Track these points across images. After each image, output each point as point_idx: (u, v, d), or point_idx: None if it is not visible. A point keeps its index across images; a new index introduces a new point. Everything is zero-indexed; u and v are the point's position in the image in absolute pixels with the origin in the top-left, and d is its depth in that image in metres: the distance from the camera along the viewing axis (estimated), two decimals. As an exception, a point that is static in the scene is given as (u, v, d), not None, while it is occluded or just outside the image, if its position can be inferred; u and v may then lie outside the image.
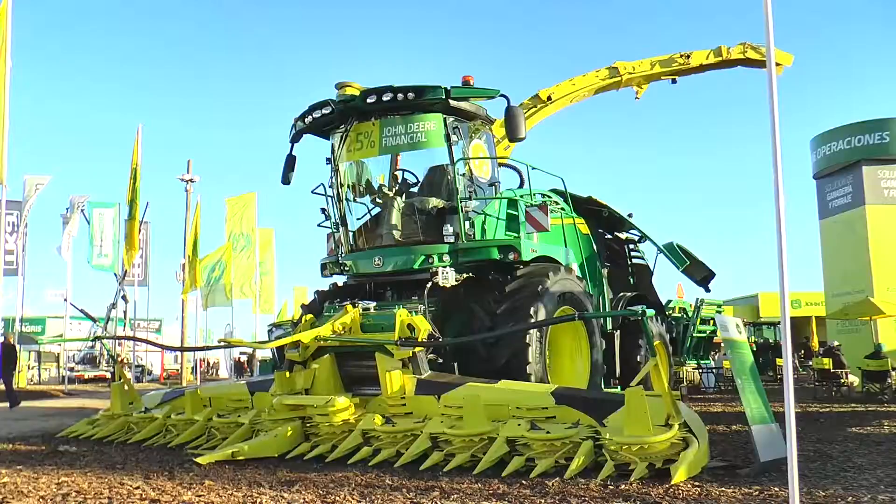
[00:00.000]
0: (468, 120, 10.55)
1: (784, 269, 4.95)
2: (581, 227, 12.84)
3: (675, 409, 6.88)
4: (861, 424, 12.04)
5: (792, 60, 18.96)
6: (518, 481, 6.69)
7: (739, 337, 7.98)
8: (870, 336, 20.65)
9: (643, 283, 15.09)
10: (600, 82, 16.85)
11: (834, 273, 23.23)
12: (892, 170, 22.18)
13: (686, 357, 21.59)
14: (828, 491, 6.22)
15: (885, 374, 18.08)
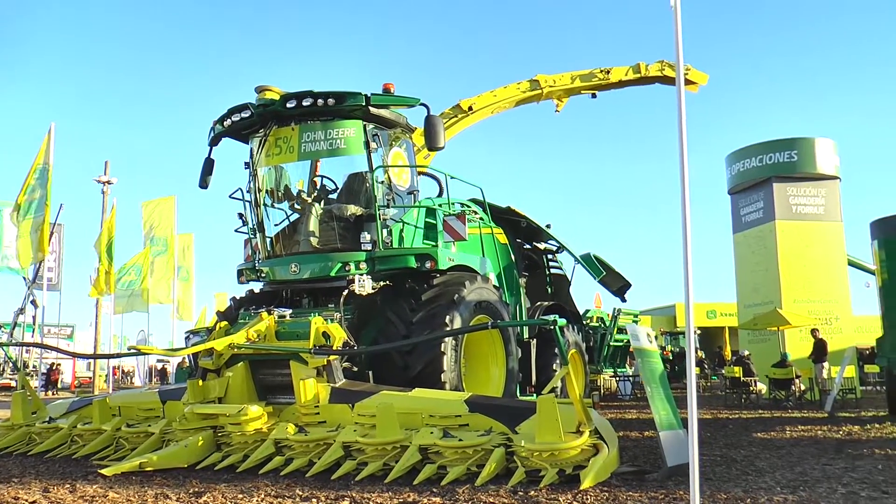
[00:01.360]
0: (388, 127, 10.55)
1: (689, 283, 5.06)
2: (499, 236, 12.98)
3: (586, 416, 6.99)
4: (766, 430, 12.46)
5: (707, 79, 19.59)
6: (429, 489, 6.70)
7: (650, 346, 8.17)
8: (777, 345, 21.38)
9: (561, 293, 15.35)
10: (521, 94, 17.08)
11: (746, 285, 23.98)
12: (801, 187, 23.04)
13: (603, 365, 22.03)
14: (729, 494, 6.43)
15: (789, 382, 18.77)
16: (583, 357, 14.37)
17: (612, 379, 23.13)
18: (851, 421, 14.01)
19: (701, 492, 6.36)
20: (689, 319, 5.10)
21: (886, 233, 15.26)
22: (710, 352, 37.53)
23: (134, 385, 41.87)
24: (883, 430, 12.28)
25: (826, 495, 6.45)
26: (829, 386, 17.83)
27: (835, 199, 23.26)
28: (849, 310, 23.27)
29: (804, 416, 15.53)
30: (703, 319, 43.42)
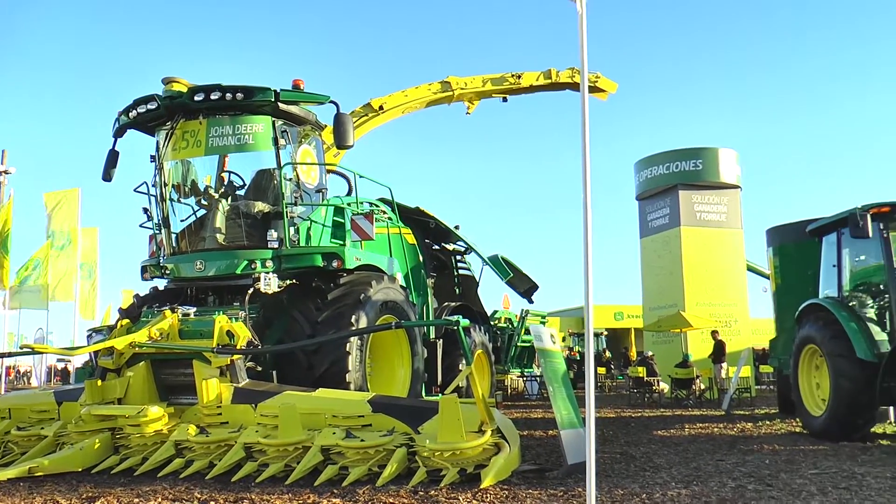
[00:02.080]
0: (297, 124, 10.42)
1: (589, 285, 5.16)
2: (408, 237, 12.99)
3: (488, 415, 7.06)
4: (666, 428, 12.86)
5: (616, 88, 20.03)
6: (330, 490, 6.67)
7: (553, 347, 8.32)
8: (680, 346, 22.06)
9: (469, 294, 15.47)
10: (432, 95, 17.12)
11: (651, 288, 24.65)
12: (705, 195, 23.83)
13: (510, 365, 22.29)
14: (626, 489, 6.62)
15: (690, 382, 19.42)
16: (489, 357, 14.53)
17: (519, 379, 23.44)
18: (745, 419, 14.60)
19: (599, 488, 6.55)
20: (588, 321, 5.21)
21: (781, 240, 15.93)
22: (616, 352, 38.42)
23: (31, 386, 40.20)
24: (772, 427, 12.85)
25: (717, 489, 6.72)
26: (726, 385, 18.51)
27: (736, 207, 24.16)
28: (746, 313, 24.20)
29: (703, 414, 16.11)
30: (611, 321, 44.45)
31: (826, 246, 12.39)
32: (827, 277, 12.27)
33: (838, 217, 11.57)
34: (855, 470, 7.87)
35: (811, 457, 9.05)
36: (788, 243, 15.42)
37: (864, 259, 11.92)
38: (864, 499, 6.37)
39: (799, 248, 14.34)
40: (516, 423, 13.06)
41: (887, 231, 10.70)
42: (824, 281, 12.39)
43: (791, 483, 7.08)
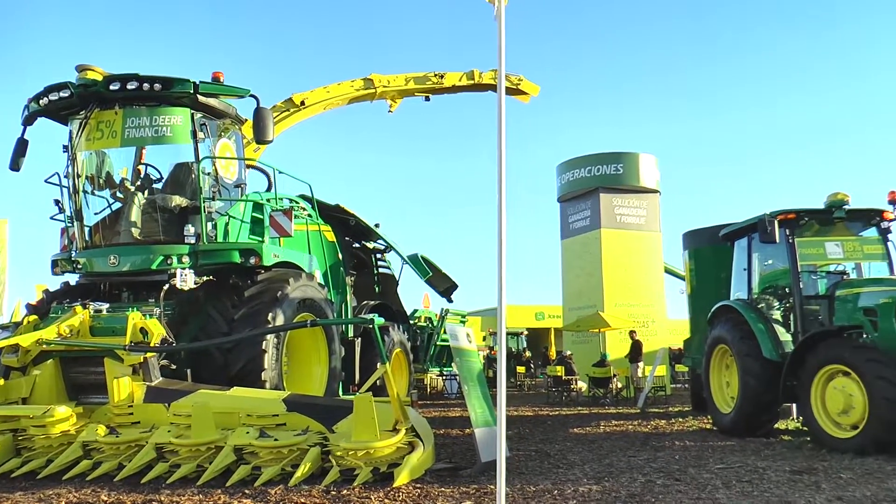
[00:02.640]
0: (217, 118, 10.23)
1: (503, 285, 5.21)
2: (327, 234, 12.89)
3: (403, 414, 7.08)
4: (582, 425, 13.10)
5: (539, 90, 20.25)
6: (241, 490, 6.57)
7: (468, 346, 8.38)
8: (598, 346, 22.49)
9: (388, 293, 15.46)
10: (355, 92, 17.03)
11: (571, 288, 25.08)
12: (625, 198, 24.39)
13: (429, 364, 22.38)
14: (538, 486, 6.73)
15: (607, 381, 19.82)
16: (407, 356, 14.55)
17: (438, 378, 23.55)
18: (660, 416, 15.00)
19: (511, 485, 6.64)
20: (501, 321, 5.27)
21: (696, 243, 16.44)
22: (536, 352, 38.94)
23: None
24: (685, 424, 13.23)
25: (627, 484, 6.90)
26: (642, 384, 18.96)
27: (655, 210, 24.79)
28: (664, 313, 24.87)
29: (619, 412, 16.47)
30: (532, 321, 45.05)
31: (738, 250, 12.81)
32: (738, 280, 12.70)
33: (748, 223, 11.98)
34: (758, 464, 8.19)
35: (719, 452, 9.37)
36: (703, 247, 15.91)
37: (772, 263, 12.40)
38: (764, 491, 6.64)
39: (713, 251, 14.80)
40: (434, 421, 13.19)
41: (793, 236, 11.13)
42: (735, 283, 12.82)
43: (698, 477, 7.32)
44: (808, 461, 8.42)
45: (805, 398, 9.87)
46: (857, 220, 11.59)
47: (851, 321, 10.15)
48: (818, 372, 9.75)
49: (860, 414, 9.10)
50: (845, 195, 11.34)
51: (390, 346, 13.54)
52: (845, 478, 7.31)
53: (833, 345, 9.80)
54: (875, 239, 11.51)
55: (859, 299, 10.24)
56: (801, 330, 10.87)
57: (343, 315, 12.70)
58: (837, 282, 11.16)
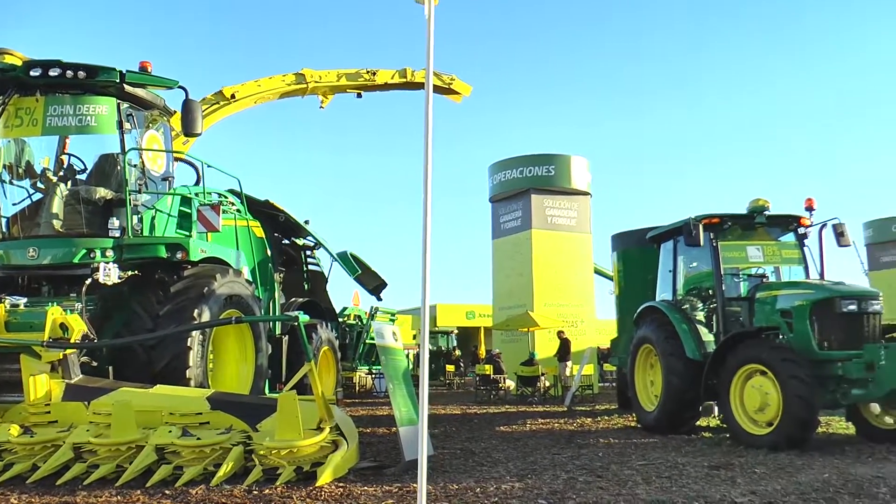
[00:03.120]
0: (144, 108, 10.03)
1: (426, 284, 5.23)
2: (256, 230, 12.73)
3: (328, 412, 7.04)
4: (509, 424, 13.22)
5: (470, 91, 20.39)
6: (161, 491, 6.44)
7: (395, 344, 8.38)
8: (527, 345, 22.71)
9: (317, 290, 15.37)
10: (286, 87, 16.89)
11: (501, 288, 25.28)
12: (556, 199, 24.69)
13: (358, 363, 22.31)
14: (461, 484, 6.78)
15: (535, 379, 20.02)
16: (335, 354, 14.50)
17: (367, 376, 23.50)
18: (586, 414, 15.23)
19: (434, 483, 6.67)
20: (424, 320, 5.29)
21: (624, 245, 16.76)
22: (466, 350, 39.17)
23: None
24: (610, 422, 13.47)
25: (549, 481, 7.00)
26: (570, 383, 19.22)
27: (585, 212, 25.17)
28: (593, 313, 25.27)
29: (546, 410, 16.67)
30: (462, 320, 45.32)
31: (663, 252, 13.09)
32: (664, 282, 12.98)
33: (674, 226, 12.26)
34: (678, 460, 8.42)
35: (641, 449, 9.58)
36: (631, 248, 16.22)
37: (696, 266, 12.71)
38: (682, 486, 6.82)
39: (640, 253, 15.08)
40: (362, 420, 13.19)
41: (717, 240, 11.42)
42: (661, 285, 13.10)
43: (619, 474, 7.49)
44: (725, 457, 8.68)
45: (725, 396, 10.17)
46: (777, 226, 11.96)
47: (769, 322, 10.49)
48: (737, 371, 10.05)
49: (775, 411, 9.43)
50: (766, 201, 11.69)
51: (318, 344, 13.45)
52: (759, 472, 7.58)
53: (751, 345, 10.13)
54: (793, 244, 11.89)
55: (777, 301, 10.60)
56: (722, 331, 11.18)
57: (271, 312, 12.58)
58: (757, 284, 11.53)
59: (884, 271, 35.92)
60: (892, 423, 10.06)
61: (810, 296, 10.24)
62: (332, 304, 15.84)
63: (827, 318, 9.99)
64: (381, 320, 21.48)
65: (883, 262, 36.53)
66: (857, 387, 9.56)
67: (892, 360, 9.21)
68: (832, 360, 9.78)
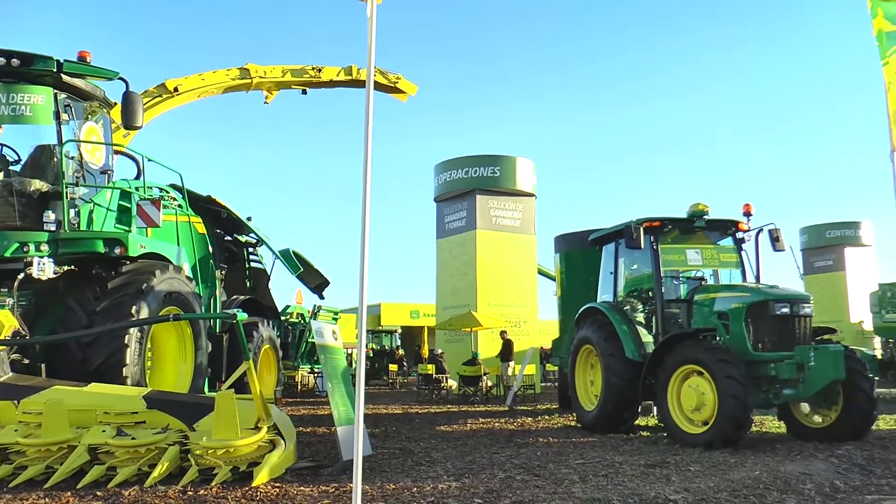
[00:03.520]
0: (83, 99, 9.79)
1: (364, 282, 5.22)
2: (198, 226, 12.54)
3: (265, 412, 6.96)
4: (449, 423, 13.25)
5: (416, 90, 20.37)
6: (92, 492, 6.28)
7: (334, 343, 8.34)
8: (470, 345, 22.79)
9: (260, 288, 15.22)
10: (230, 81, 16.67)
11: (445, 287, 25.30)
12: (500, 200, 24.80)
13: (300, 361, 22.12)
14: (398, 484, 6.78)
15: (478, 379, 20.10)
16: (276, 353, 14.38)
17: (310, 375, 23.33)
18: (527, 414, 15.35)
19: (371, 483, 6.66)
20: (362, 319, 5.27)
21: (567, 247, 16.95)
22: (410, 350, 39.19)
23: None
24: (550, 422, 13.61)
25: (486, 480, 7.05)
26: (512, 382, 19.35)
27: (530, 213, 25.34)
28: (536, 314, 25.45)
29: (488, 409, 16.76)
30: (407, 319, 45.36)
31: (605, 254, 13.27)
32: (605, 283, 13.16)
33: (616, 229, 12.43)
34: (615, 459, 8.55)
35: (580, 448, 9.70)
36: (574, 250, 16.39)
37: (637, 268, 12.92)
38: (617, 484, 6.93)
39: (583, 255, 15.25)
40: (302, 419, 13.10)
41: (657, 243, 11.61)
42: (602, 286, 13.27)
43: (556, 472, 7.57)
44: (661, 455, 8.84)
45: (662, 396, 10.36)
46: (716, 230, 12.22)
47: (707, 324, 10.73)
48: (675, 371, 10.26)
49: (711, 411, 9.65)
50: (706, 206, 11.93)
51: (259, 343, 13.32)
52: (693, 470, 7.75)
53: (689, 346, 10.34)
54: (731, 248, 12.17)
55: (714, 304, 10.83)
56: (661, 332, 11.38)
57: (212, 310, 12.41)
58: (696, 287, 11.78)
59: (818, 275, 37.01)
60: (820, 421, 10.37)
61: (746, 299, 10.50)
62: (274, 302, 15.71)
63: (761, 321, 10.27)
64: (324, 319, 21.32)
65: (817, 266, 37.60)
66: (789, 387, 9.91)
67: (820, 361, 9.56)
68: (766, 361, 10.10)
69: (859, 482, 7.64)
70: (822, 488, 7.20)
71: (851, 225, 37.76)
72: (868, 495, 7.13)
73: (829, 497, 6.95)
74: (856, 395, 9.95)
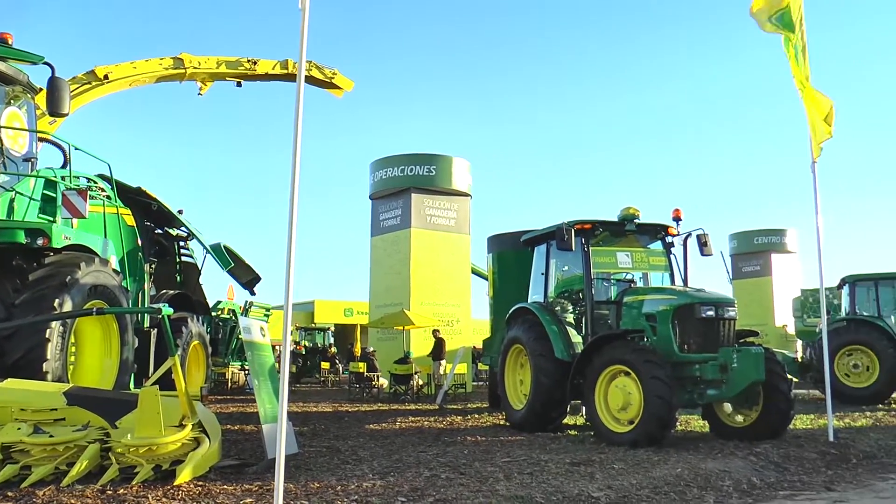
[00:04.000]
0: (4, 83, 9.45)
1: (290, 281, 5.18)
2: (126, 218, 12.24)
3: (190, 409, 6.85)
4: (379, 422, 13.24)
5: (352, 86, 20.23)
6: (2, 493, 6.02)
7: (262, 340, 8.26)
8: (402, 344, 22.79)
9: (190, 282, 14.97)
10: (163, 71, 16.31)
11: (379, 286, 25.24)
12: (436, 199, 24.84)
13: (231, 358, 21.82)
14: (322, 482, 6.74)
15: (409, 378, 20.12)
16: (206, 349, 14.17)
17: (240, 372, 23.06)
18: (457, 413, 15.43)
19: (296, 482, 6.61)
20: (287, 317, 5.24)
21: (499, 247, 17.07)
22: (343, 348, 39.04)
23: None
24: (479, 420, 13.71)
25: (412, 479, 7.07)
26: (443, 381, 19.42)
27: (465, 213, 25.44)
28: (469, 313, 25.56)
29: (418, 408, 16.80)
30: (340, 317, 45.14)
31: (537, 255, 13.39)
32: (536, 284, 13.29)
33: (548, 230, 12.56)
34: (541, 457, 8.66)
35: (507, 446, 9.80)
36: (506, 250, 16.52)
37: (568, 269, 13.08)
38: (542, 482, 7.03)
39: (515, 255, 15.37)
40: (231, 417, 12.93)
41: (588, 245, 11.77)
42: (534, 287, 13.40)
43: (482, 471, 7.63)
44: (587, 454, 8.99)
45: (590, 395, 10.53)
46: (646, 234, 12.45)
47: (635, 325, 10.94)
48: (603, 371, 10.44)
49: (636, 410, 9.86)
50: (636, 210, 12.14)
51: (187, 339, 13.10)
52: (617, 468, 7.91)
53: (617, 347, 10.53)
54: (660, 251, 12.41)
55: (643, 306, 11.05)
56: (591, 333, 11.55)
57: (140, 304, 12.13)
58: (625, 289, 11.98)
59: (746, 280, 38.13)
60: (741, 421, 10.68)
61: (673, 301, 10.73)
62: (205, 297, 15.46)
63: (687, 323, 10.51)
64: (256, 315, 21.08)
65: (745, 271, 38.71)
66: (713, 387, 10.18)
67: (743, 363, 9.86)
68: (691, 363, 10.36)
69: (774, 479, 7.94)
70: (740, 485, 7.45)
71: (778, 232, 39.02)
72: (781, 491, 7.41)
73: (746, 493, 7.20)
74: (775, 396, 10.30)
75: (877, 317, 18.35)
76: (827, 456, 9.37)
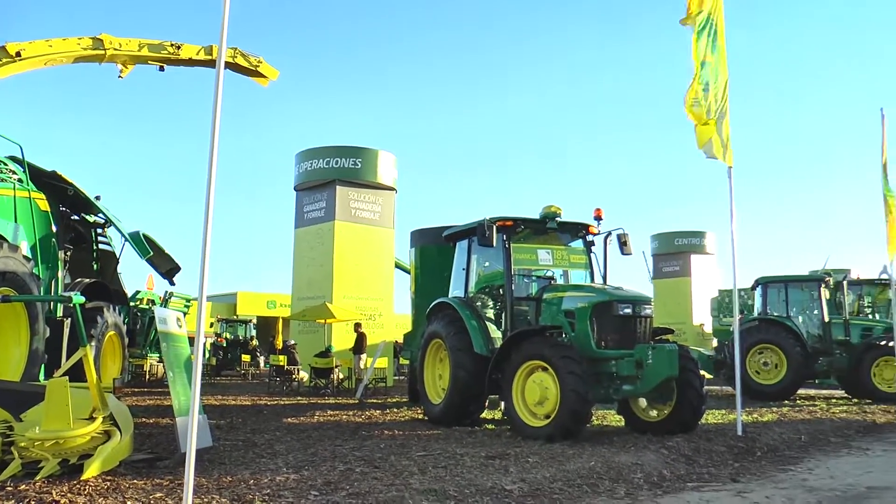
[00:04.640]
0: None
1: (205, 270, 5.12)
2: (40, 202, 11.82)
3: (102, 401, 6.70)
4: (297, 415, 13.16)
5: (278, 75, 19.92)
6: None
7: (178, 331, 8.13)
8: (324, 337, 22.66)
9: (107, 271, 14.58)
10: (81, 51, 15.71)
11: (302, 278, 25.01)
12: (361, 192, 24.72)
13: (149, 350, 21.33)
14: (235, 476, 6.69)
15: (329, 371, 20.01)
16: (122, 340, 13.84)
17: (159, 364, 22.57)
18: (377, 407, 15.43)
19: (208, 476, 6.54)
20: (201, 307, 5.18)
21: (422, 241, 17.12)
22: (264, 340, 38.59)
23: None
24: (398, 415, 13.74)
25: (326, 472, 7.07)
26: (363, 375, 19.38)
27: (390, 207, 25.40)
28: (391, 308, 25.56)
29: (338, 402, 16.73)
30: (263, 309, 44.62)
31: (459, 251, 13.47)
32: (457, 279, 13.36)
33: (470, 226, 12.65)
34: (457, 451, 8.75)
35: (424, 440, 9.88)
36: (429, 245, 16.58)
37: (489, 265, 13.18)
38: (456, 475, 7.13)
39: (437, 250, 15.44)
40: (147, 409, 12.68)
41: (509, 242, 11.89)
42: (455, 282, 13.47)
43: (397, 464, 7.68)
44: (503, 447, 9.11)
45: (508, 390, 10.67)
46: (567, 232, 12.62)
47: (554, 322, 11.12)
48: (521, 366, 10.59)
49: (553, 405, 10.05)
50: (558, 208, 12.32)
51: (103, 329, 12.76)
52: (532, 461, 8.05)
53: (535, 342, 10.69)
54: (580, 250, 12.61)
55: (562, 303, 11.24)
56: (510, 328, 11.67)
57: (53, 292, 11.75)
58: (545, 286, 12.18)
59: (666, 280, 39.11)
60: (655, 415, 10.98)
61: (591, 298, 10.95)
62: (123, 286, 15.08)
63: (605, 320, 10.73)
64: (176, 306, 20.64)
65: (665, 271, 39.69)
66: (628, 383, 10.45)
67: (658, 360, 10.15)
68: (607, 359, 10.60)
69: (684, 471, 8.21)
70: (651, 477, 7.69)
71: (697, 234, 40.15)
72: (690, 483, 7.67)
73: (656, 485, 7.43)
74: (688, 392, 10.62)
75: (786, 317, 19.11)
76: (734, 449, 9.76)
